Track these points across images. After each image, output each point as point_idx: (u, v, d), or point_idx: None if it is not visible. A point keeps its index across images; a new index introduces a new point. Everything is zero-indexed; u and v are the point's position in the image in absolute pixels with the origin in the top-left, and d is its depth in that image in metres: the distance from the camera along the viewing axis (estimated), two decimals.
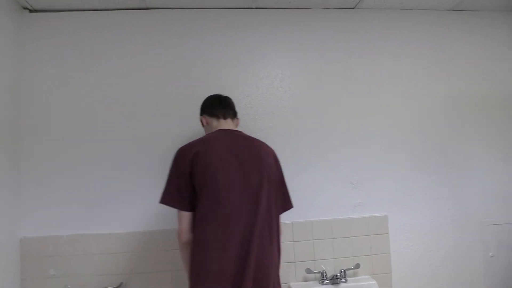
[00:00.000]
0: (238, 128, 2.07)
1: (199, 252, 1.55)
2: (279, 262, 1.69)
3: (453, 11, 2.56)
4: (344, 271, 2.23)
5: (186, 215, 1.61)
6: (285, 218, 2.28)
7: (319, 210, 2.34)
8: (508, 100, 2.56)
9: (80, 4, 2.20)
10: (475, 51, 2.57)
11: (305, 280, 2.26)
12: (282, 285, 2.19)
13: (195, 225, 1.59)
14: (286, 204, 1.84)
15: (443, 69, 2.51)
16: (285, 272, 2.25)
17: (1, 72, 2.02)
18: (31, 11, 2.23)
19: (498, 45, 2.59)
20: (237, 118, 1.91)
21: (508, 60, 2.59)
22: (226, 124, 1.84)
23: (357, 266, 2.26)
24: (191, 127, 2.28)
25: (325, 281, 2.21)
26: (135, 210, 2.21)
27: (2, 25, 2.04)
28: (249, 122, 2.34)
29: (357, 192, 2.38)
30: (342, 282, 2.21)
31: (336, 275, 2.21)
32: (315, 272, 2.23)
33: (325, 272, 2.23)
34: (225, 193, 1.57)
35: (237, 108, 2.31)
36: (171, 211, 2.16)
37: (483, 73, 2.55)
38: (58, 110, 2.22)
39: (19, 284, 2.10)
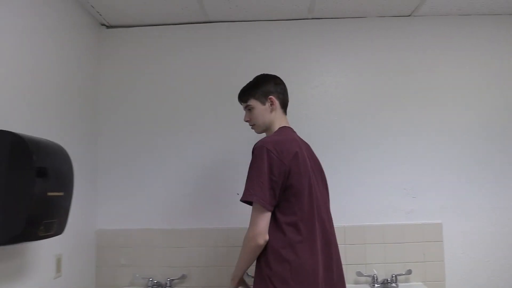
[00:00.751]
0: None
1: (290, 254, 1.51)
2: None
3: None
4: (396, 276, 2.26)
5: (268, 216, 1.53)
6: (338, 222, 2.33)
7: (371, 215, 2.38)
8: None
9: (150, 20, 2.43)
10: None
11: (356, 283, 2.32)
12: None
13: (281, 228, 1.54)
14: None
15: (504, 76, 2.45)
16: None
17: (85, 80, 2.29)
18: (107, 27, 2.49)
19: None
20: None
21: None
22: (286, 120, 1.81)
23: (409, 272, 2.28)
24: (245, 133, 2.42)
25: (376, 285, 2.26)
26: (193, 208, 2.40)
27: (85, 39, 2.31)
28: (304, 127, 2.42)
29: (410, 199, 2.39)
30: (393, 286, 2.25)
31: (387, 280, 2.25)
32: (366, 276, 2.28)
33: (376, 276, 2.28)
34: (315, 198, 1.60)
35: (293, 115, 2.42)
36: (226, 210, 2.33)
37: None
38: (131, 112, 2.46)
39: (94, 271, 2.37)
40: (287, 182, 1.54)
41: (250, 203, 1.56)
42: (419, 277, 2.32)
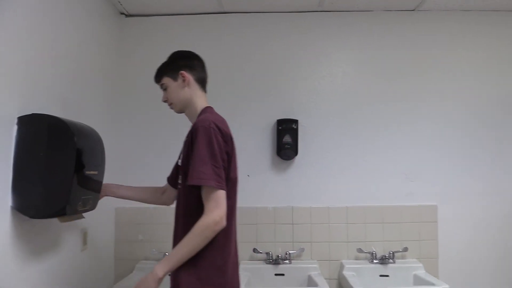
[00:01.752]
0: None
1: (222, 239, 1.49)
2: None
3: None
4: (393, 253, 2.46)
5: (225, 197, 1.46)
6: (341, 203, 2.54)
7: (372, 197, 2.56)
8: None
9: (167, 9, 2.55)
10: None
11: (356, 258, 2.51)
12: (335, 261, 2.48)
13: None
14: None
15: (501, 69, 2.61)
16: (338, 250, 2.52)
17: (106, 67, 2.41)
18: (126, 15, 2.61)
19: None
20: None
21: None
22: (206, 99, 1.73)
23: (405, 249, 2.48)
24: (262, 121, 2.58)
25: (375, 261, 2.46)
26: None
27: (105, 27, 2.42)
28: (312, 112, 2.59)
29: (409, 182, 2.57)
30: (390, 262, 2.44)
31: (385, 256, 2.45)
32: (365, 252, 2.47)
33: (375, 253, 2.47)
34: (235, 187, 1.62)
35: (303, 102, 2.60)
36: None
37: None
38: (149, 97, 2.58)
39: (113, 246, 2.53)
40: (228, 164, 1.52)
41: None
42: (414, 254, 2.52)
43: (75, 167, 1.54)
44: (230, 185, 1.54)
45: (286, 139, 2.49)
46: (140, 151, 2.59)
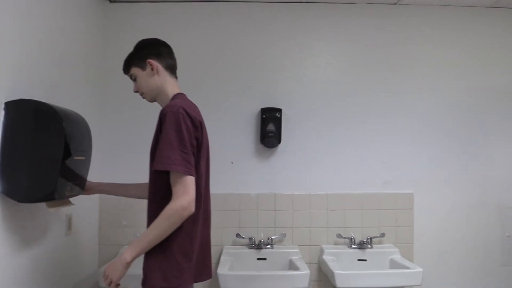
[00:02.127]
0: None
1: (190, 226, 1.50)
2: None
3: (492, 8, 2.71)
4: (371, 238, 2.56)
5: (194, 183, 1.46)
6: (322, 190, 2.61)
7: (351, 185, 2.64)
8: None
9: None
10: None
11: (336, 244, 2.60)
12: (315, 246, 2.56)
13: None
14: None
15: (476, 65, 2.71)
16: (318, 235, 2.60)
17: (91, 53, 2.40)
18: (111, 1, 2.59)
19: None
20: None
21: None
22: (178, 85, 1.71)
23: (382, 235, 2.58)
24: (247, 109, 2.62)
25: (353, 246, 2.55)
26: None
27: (91, 13, 2.40)
28: (296, 100, 2.65)
29: (387, 171, 2.66)
30: (368, 247, 2.54)
31: (363, 241, 2.55)
32: (344, 237, 2.56)
33: (354, 238, 2.56)
34: (206, 171, 1.63)
35: (287, 90, 2.65)
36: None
37: None
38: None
39: (98, 231, 2.55)
40: (197, 150, 1.52)
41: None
42: (391, 240, 2.63)
43: (63, 153, 1.56)
44: (199, 172, 1.53)
45: (269, 128, 2.54)
46: (127, 138, 2.59)
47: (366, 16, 2.68)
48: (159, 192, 1.50)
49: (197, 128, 1.50)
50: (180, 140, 1.43)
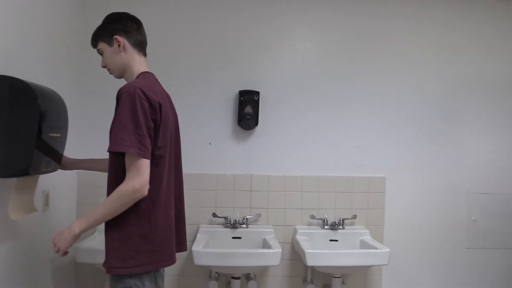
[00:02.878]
0: None
1: (152, 211, 1.51)
2: None
3: None
4: (343, 220, 2.65)
5: (149, 166, 1.45)
6: (297, 172, 2.68)
7: (326, 168, 2.72)
8: (508, 81, 2.83)
9: None
10: (490, 35, 2.81)
11: (309, 224, 2.69)
12: (289, 226, 2.64)
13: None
14: None
15: (449, 54, 2.78)
16: (292, 216, 2.68)
17: (70, 31, 2.39)
18: None
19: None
20: None
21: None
22: (146, 63, 1.68)
23: (354, 217, 2.67)
24: (225, 91, 2.66)
25: (326, 227, 2.64)
26: None
27: None
28: (275, 83, 2.69)
29: (361, 155, 2.74)
30: (340, 228, 2.63)
31: (335, 222, 2.63)
32: (317, 219, 2.65)
33: (327, 219, 2.65)
34: (168, 154, 1.60)
35: (265, 73, 2.69)
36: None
37: (492, 54, 2.82)
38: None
39: (75, 208, 2.59)
40: (155, 133, 1.50)
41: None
42: (362, 222, 2.72)
43: (38, 129, 1.58)
44: (160, 153, 1.52)
45: (247, 110, 2.59)
46: (104, 115, 2.58)
47: (345, 3, 2.71)
48: (116, 174, 1.49)
49: (155, 109, 1.47)
50: (135, 122, 1.41)
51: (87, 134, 2.58)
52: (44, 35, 2.08)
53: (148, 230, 1.50)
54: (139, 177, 1.41)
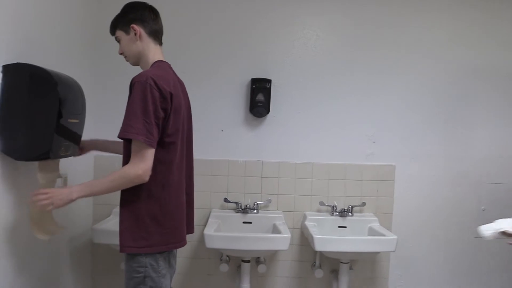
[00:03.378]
0: None
1: (165, 194, 1.59)
2: None
3: None
4: (352, 207, 2.69)
5: (153, 153, 1.52)
6: (306, 159, 2.73)
7: (337, 156, 2.75)
8: None
9: None
10: (491, 24, 2.78)
11: (318, 211, 2.73)
12: (299, 213, 2.69)
13: (157, 168, 1.55)
14: None
15: (460, 43, 2.76)
16: (302, 202, 2.74)
17: (85, 21, 2.45)
18: None
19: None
20: None
21: None
22: (161, 52, 1.73)
23: (363, 204, 2.71)
24: (237, 79, 2.70)
25: (335, 214, 2.69)
26: None
27: None
28: (286, 71, 2.72)
29: (371, 143, 2.76)
30: (349, 215, 2.68)
31: (344, 209, 2.68)
32: (327, 205, 2.70)
33: (336, 206, 2.69)
34: (180, 141, 1.65)
35: (277, 61, 2.72)
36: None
37: (500, 44, 2.79)
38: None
39: None
40: (165, 121, 1.55)
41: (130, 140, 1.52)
42: (371, 209, 2.76)
43: (58, 115, 1.65)
44: (171, 140, 1.58)
45: (259, 98, 2.63)
46: (120, 102, 2.65)
47: None
48: (129, 157, 1.55)
49: (166, 99, 1.52)
50: (145, 111, 1.47)
51: (103, 119, 2.65)
52: (61, 23, 2.14)
53: (159, 213, 1.58)
54: (143, 163, 1.48)
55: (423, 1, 2.75)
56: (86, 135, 2.03)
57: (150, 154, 1.50)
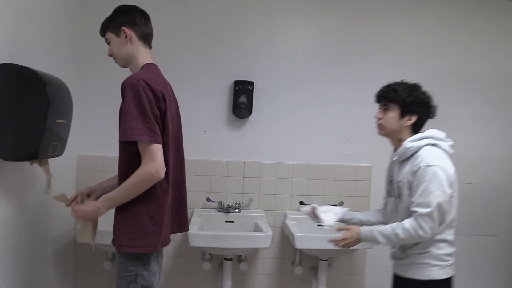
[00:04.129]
0: None
1: (162, 193, 1.62)
2: None
3: None
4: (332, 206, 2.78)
5: (161, 149, 1.55)
6: (287, 160, 2.80)
7: (316, 156, 2.84)
8: (494, 77, 2.97)
9: None
10: (476, 31, 2.93)
11: (298, 210, 2.81)
12: (279, 212, 2.76)
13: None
14: None
15: (441, 46, 2.90)
16: (283, 202, 2.82)
17: (72, 19, 2.46)
18: None
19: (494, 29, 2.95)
20: None
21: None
22: (150, 55, 1.76)
23: (341, 203, 2.81)
24: (221, 81, 2.75)
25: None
26: None
27: None
28: (268, 74, 2.79)
29: (349, 145, 2.87)
30: None
31: None
32: (307, 204, 2.78)
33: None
34: (171, 141, 1.67)
35: (260, 63, 2.78)
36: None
37: (480, 51, 2.95)
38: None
39: (74, 191, 2.67)
40: (161, 120, 1.59)
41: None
42: (349, 208, 2.85)
43: (46, 115, 1.67)
44: (165, 142, 1.60)
45: (241, 99, 2.69)
46: (106, 102, 2.66)
47: None
48: (126, 162, 1.59)
49: (159, 98, 1.56)
50: (142, 111, 1.50)
51: (88, 120, 2.66)
52: (45, 20, 2.14)
53: (156, 212, 1.61)
54: (154, 161, 1.51)
55: (407, 4, 2.86)
56: (72, 136, 2.04)
57: (158, 150, 1.53)
